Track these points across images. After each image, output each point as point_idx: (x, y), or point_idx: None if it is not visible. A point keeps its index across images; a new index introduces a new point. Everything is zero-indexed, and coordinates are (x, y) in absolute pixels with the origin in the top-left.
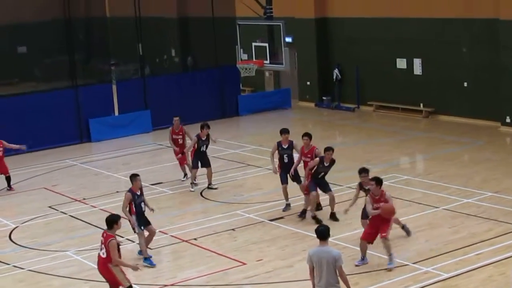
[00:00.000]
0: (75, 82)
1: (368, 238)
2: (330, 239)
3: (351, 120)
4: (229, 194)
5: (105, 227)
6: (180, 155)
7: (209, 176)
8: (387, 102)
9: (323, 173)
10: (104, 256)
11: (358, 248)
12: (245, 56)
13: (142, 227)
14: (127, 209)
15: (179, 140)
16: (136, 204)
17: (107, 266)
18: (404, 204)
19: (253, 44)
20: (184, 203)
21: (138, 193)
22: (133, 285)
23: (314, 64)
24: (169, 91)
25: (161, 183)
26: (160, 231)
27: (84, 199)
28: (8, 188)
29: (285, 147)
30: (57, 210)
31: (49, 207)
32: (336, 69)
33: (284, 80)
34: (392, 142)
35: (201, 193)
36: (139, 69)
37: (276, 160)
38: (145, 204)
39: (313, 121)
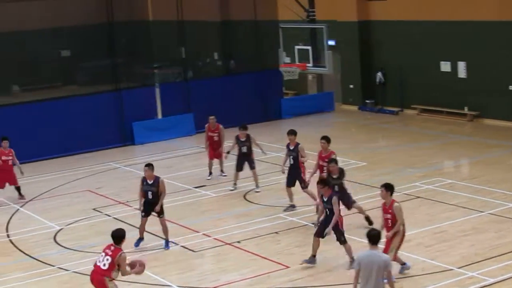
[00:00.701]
0: (118, 86)
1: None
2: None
3: (394, 123)
4: (272, 197)
5: (147, 228)
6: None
7: (254, 178)
8: (431, 106)
9: (337, 186)
10: (104, 268)
11: (401, 252)
12: (288, 59)
13: (143, 214)
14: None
15: (215, 137)
16: (143, 190)
17: (103, 278)
18: (449, 208)
19: (296, 47)
20: (227, 206)
21: (149, 182)
22: (169, 285)
23: (357, 67)
24: (212, 94)
25: (204, 186)
26: (203, 234)
27: (128, 201)
28: (20, 196)
29: (291, 148)
30: (101, 212)
31: (93, 209)
32: (380, 72)
33: (327, 83)
34: (436, 146)
35: (244, 196)
36: (182, 72)
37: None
38: (157, 196)
39: (356, 124)
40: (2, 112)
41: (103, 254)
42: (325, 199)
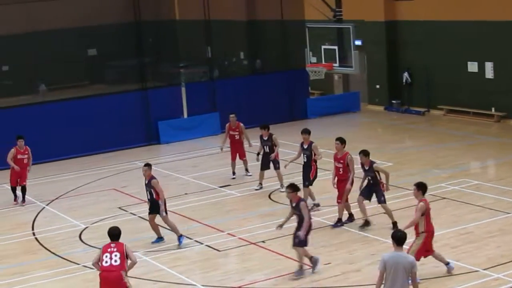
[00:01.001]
0: (145, 85)
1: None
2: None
3: (420, 124)
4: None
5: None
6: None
7: (278, 178)
8: (457, 106)
9: (369, 178)
10: (117, 263)
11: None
12: (314, 59)
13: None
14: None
15: (236, 136)
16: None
17: (121, 273)
18: (475, 210)
19: (323, 47)
20: (252, 206)
21: (145, 182)
22: (201, 287)
23: (383, 67)
24: (237, 93)
25: (229, 185)
26: (228, 233)
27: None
28: (22, 202)
29: (305, 147)
30: (126, 211)
31: (119, 208)
32: (406, 72)
33: (353, 83)
34: (462, 147)
35: (269, 196)
36: (208, 71)
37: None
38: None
39: (382, 124)
40: (30, 110)
41: (108, 254)
42: (293, 205)
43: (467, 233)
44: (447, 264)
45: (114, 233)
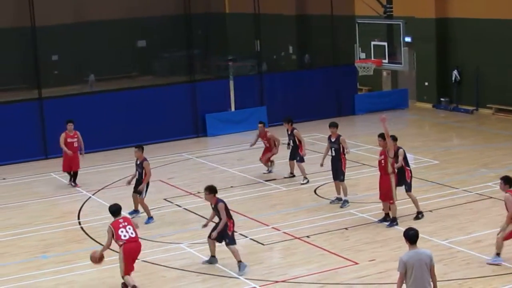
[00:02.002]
0: (193, 77)
1: None
2: (444, 242)
3: (469, 122)
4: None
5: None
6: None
7: (301, 171)
8: (506, 106)
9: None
10: (134, 235)
11: (472, 252)
12: (363, 55)
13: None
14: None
15: (265, 143)
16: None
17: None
18: None
19: (372, 43)
20: (298, 201)
21: (137, 162)
22: (245, 280)
23: (432, 64)
24: (285, 88)
25: (274, 179)
26: (272, 227)
27: (199, 193)
28: (73, 184)
29: (333, 140)
30: (172, 202)
31: (164, 199)
32: (455, 70)
33: (402, 80)
34: (510, 147)
35: (315, 191)
36: (256, 65)
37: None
38: (142, 176)
39: (430, 122)
40: (79, 100)
41: (123, 229)
42: (212, 206)
43: None
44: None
45: (115, 210)
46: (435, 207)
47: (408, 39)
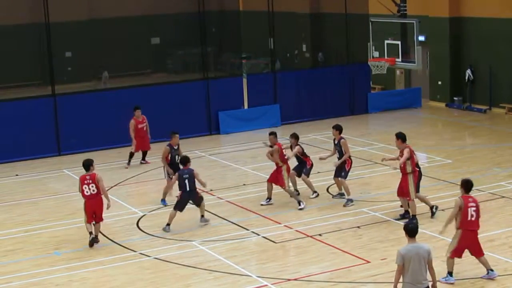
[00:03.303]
0: (206, 75)
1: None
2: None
3: (482, 121)
4: (355, 192)
5: (230, 218)
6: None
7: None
8: None
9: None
10: (95, 192)
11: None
12: (376, 54)
13: (171, 176)
14: (165, 160)
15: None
16: (171, 156)
17: (100, 197)
18: None
19: (386, 41)
20: (310, 199)
21: (176, 147)
22: (258, 279)
23: (446, 63)
24: (298, 86)
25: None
26: (285, 226)
27: (211, 190)
28: (143, 161)
29: (335, 143)
30: None
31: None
32: (469, 69)
33: (415, 79)
34: None
35: (327, 189)
36: (269, 63)
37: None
38: (178, 158)
39: (443, 121)
40: (92, 97)
41: (86, 186)
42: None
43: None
44: (489, 270)
45: (85, 164)
46: (448, 206)
47: (421, 38)
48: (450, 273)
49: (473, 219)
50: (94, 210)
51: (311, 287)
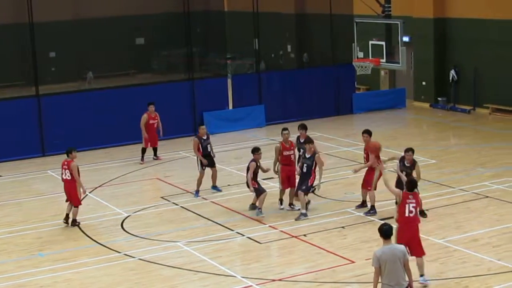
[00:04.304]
0: (191, 75)
1: None
2: (441, 241)
3: (466, 122)
4: (340, 192)
5: (215, 219)
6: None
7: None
8: (504, 105)
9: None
10: (69, 178)
11: (469, 251)
12: (361, 54)
13: (204, 167)
14: (197, 150)
15: (291, 156)
16: (202, 147)
17: (73, 184)
18: None
19: (370, 42)
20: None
21: (205, 137)
22: (243, 279)
23: (430, 64)
24: (283, 87)
25: (272, 178)
26: (270, 226)
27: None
28: (155, 157)
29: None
30: (169, 201)
31: (162, 197)
32: (453, 70)
33: (400, 79)
34: (508, 146)
35: (312, 191)
36: (254, 64)
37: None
38: (210, 148)
39: (428, 122)
40: (76, 97)
41: (63, 170)
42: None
43: (509, 232)
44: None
45: (67, 150)
46: (432, 206)
47: (406, 38)
48: (422, 275)
49: (411, 215)
50: (68, 193)
51: (296, 287)
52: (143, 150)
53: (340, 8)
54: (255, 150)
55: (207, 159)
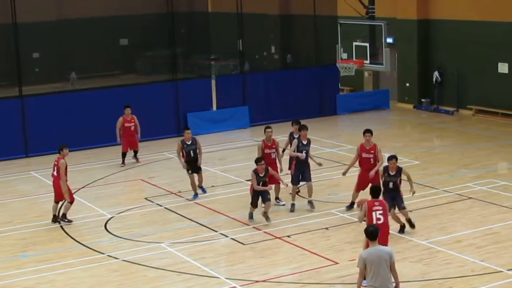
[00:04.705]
0: (175, 76)
1: None
2: (424, 242)
3: (449, 123)
4: (324, 193)
5: (199, 220)
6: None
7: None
8: (487, 107)
9: (392, 183)
10: (56, 174)
11: (452, 252)
12: (345, 56)
13: (190, 171)
14: (180, 154)
15: (272, 154)
16: (186, 152)
17: (59, 181)
18: (501, 210)
19: (354, 43)
20: (278, 201)
21: (189, 142)
22: (226, 280)
23: (414, 65)
24: (267, 88)
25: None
26: (254, 227)
27: (180, 192)
28: (136, 159)
29: (304, 143)
30: (153, 202)
31: (145, 198)
32: (437, 71)
33: (383, 80)
34: (491, 147)
35: (297, 191)
36: (238, 65)
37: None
38: (195, 153)
39: (411, 123)
40: (60, 98)
41: (53, 167)
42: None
43: (493, 233)
44: None
45: (58, 147)
46: (415, 207)
47: (390, 40)
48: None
49: (379, 222)
50: (55, 189)
51: None
52: (123, 154)
53: (324, 9)
54: (258, 161)
55: (190, 165)
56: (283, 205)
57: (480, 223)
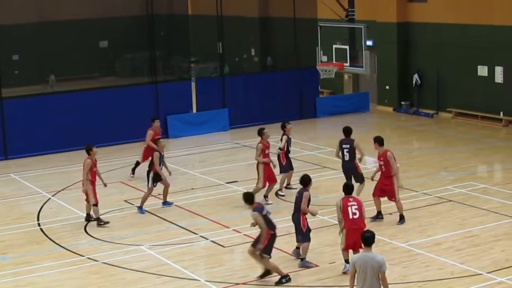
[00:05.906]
0: (155, 79)
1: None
2: (404, 245)
3: (429, 126)
4: None
5: (178, 222)
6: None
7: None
8: (466, 109)
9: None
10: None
11: (432, 255)
12: (325, 58)
13: (155, 184)
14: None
15: (269, 155)
16: (161, 162)
17: (84, 181)
18: (481, 213)
19: (334, 46)
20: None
21: (163, 153)
22: (206, 283)
23: (394, 68)
24: (247, 90)
25: (236, 181)
26: (233, 230)
27: (160, 194)
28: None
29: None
30: (133, 204)
31: (125, 201)
32: (416, 74)
33: (363, 83)
34: (470, 150)
35: (276, 193)
36: (218, 67)
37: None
38: (164, 164)
39: (391, 126)
40: (40, 101)
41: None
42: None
43: (472, 236)
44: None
45: (85, 148)
46: (395, 210)
47: (369, 42)
48: (346, 261)
49: (355, 217)
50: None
51: None
52: (137, 163)
53: (304, 11)
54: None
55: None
56: (271, 204)
57: (460, 226)
